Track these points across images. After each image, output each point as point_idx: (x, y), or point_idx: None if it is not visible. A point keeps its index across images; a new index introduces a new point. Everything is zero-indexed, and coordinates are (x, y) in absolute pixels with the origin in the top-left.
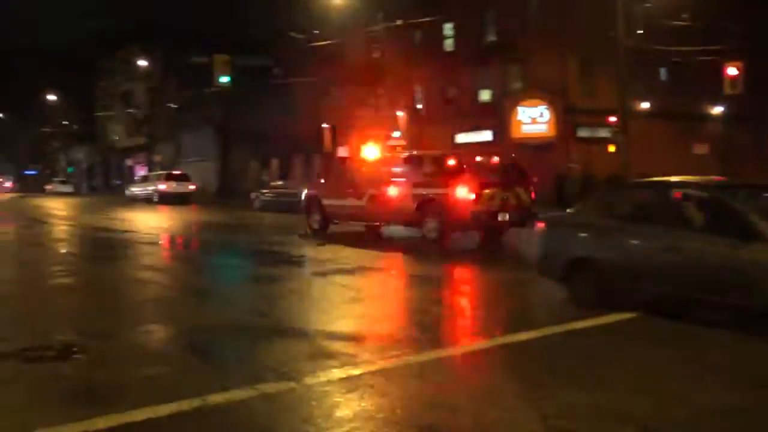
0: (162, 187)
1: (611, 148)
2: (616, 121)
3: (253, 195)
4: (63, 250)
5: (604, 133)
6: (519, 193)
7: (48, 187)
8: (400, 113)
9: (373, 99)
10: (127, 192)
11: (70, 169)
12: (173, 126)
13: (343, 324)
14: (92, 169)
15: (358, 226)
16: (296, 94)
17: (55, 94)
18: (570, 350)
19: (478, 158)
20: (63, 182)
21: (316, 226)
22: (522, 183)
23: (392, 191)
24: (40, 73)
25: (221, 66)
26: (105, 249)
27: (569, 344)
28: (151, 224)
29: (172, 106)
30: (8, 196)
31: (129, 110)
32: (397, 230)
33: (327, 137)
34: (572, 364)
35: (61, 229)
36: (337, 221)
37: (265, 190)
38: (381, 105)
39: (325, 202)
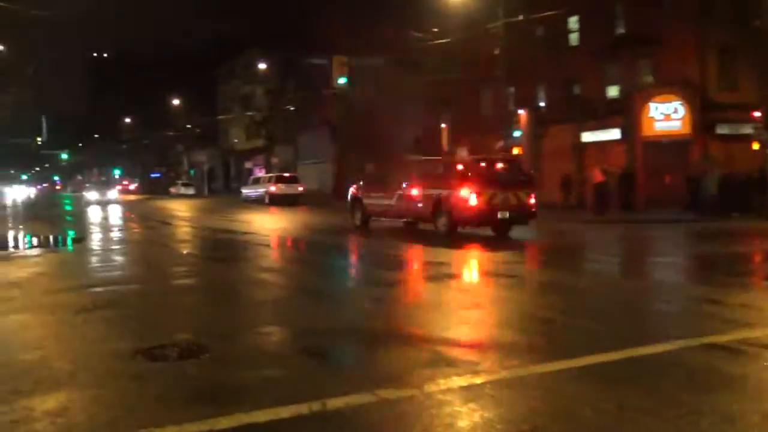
0: (272, 189)
1: (755, 146)
2: (760, 117)
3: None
4: (185, 251)
5: (746, 129)
6: (519, 195)
7: (172, 189)
8: (521, 111)
9: (493, 98)
10: (241, 194)
11: (192, 172)
12: (291, 128)
13: (462, 330)
14: (213, 172)
15: (389, 222)
16: (414, 93)
17: (179, 99)
18: (711, 368)
19: (483, 162)
20: (186, 185)
21: (358, 222)
22: (523, 185)
23: (414, 191)
24: (165, 79)
25: (339, 67)
26: (224, 250)
27: (712, 361)
28: (266, 226)
29: (290, 108)
30: (134, 198)
31: (248, 113)
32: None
33: (444, 138)
34: (714, 384)
35: (183, 231)
36: (375, 218)
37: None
38: (501, 104)
39: (365, 201)
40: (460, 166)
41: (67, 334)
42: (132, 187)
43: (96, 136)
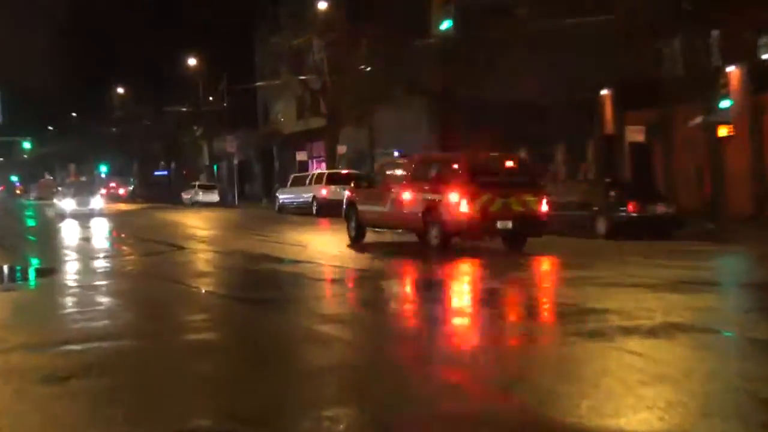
0: (322, 192)
1: None
2: None
3: None
4: (204, 289)
5: None
6: (525, 200)
7: (185, 195)
8: (731, 68)
9: (685, 48)
10: (276, 200)
11: (215, 168)
12: (365, 100)
13: (653, 421)
14: (247, 168)
15: (402, 235)
16: (554, 46)
17: (196, 60)
18: None
19: (480, 160)
20: (206, 188)
21: (352, 233)
22: (531, 188)
23: (406, 196)
24: (175, 32)
25: (440, 6)
26: (263, 288)
27: None
28: (327, 250)
29: (364, 68)
30: (129, 207)
31: (301, 77)
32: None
33: (607, 111)
34: None
35: (201, 258)
36: (372, 228)
37: None
38: (698, 60)
39: (360, 207)
40: (455, 165)
41: (26, 417)
42: (123, 191)
43: (73, 115)
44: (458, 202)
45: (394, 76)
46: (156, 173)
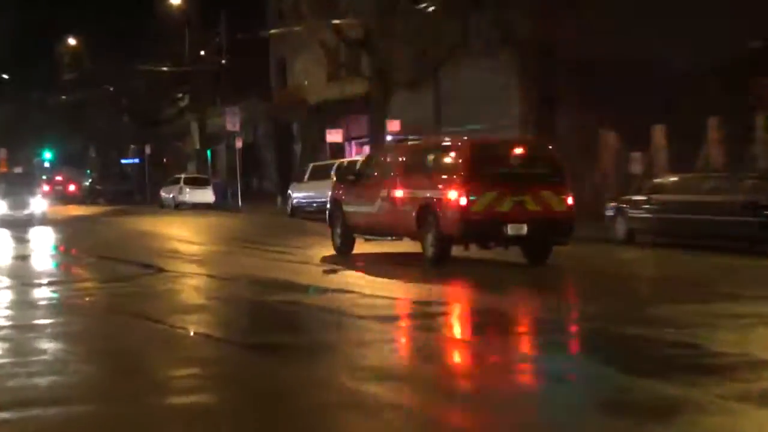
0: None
1: None
2: None
3: (611, 209)
4: (194, 331)
5: None
6: (543, 197)
7: (166, 193)
8: None
9: None
10: (288, 199)
11: (208, 155)
12: (428, 55)
13: None
14: (255, 153)
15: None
16: None
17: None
18: None
19: (495, 145)
20: (196, 182)
21: (338, 242)
22: (551, 183)
23: (397, 193)
24: None
25: None
26: (278, 329)
27: None
28: (368, 273)
29: (427, 8)
30: (83, 212)
31: (334, 20)
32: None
33: None
34: None
35: (191, 285)
36: (362, 236)
37: (641, 198)
38: None
39: (346, 208)
40: (452, 153)
41: None
42: (75, 187)
43: (3, 78)
44: (456, 201)
45: (470, 20)
46: (123, 161)
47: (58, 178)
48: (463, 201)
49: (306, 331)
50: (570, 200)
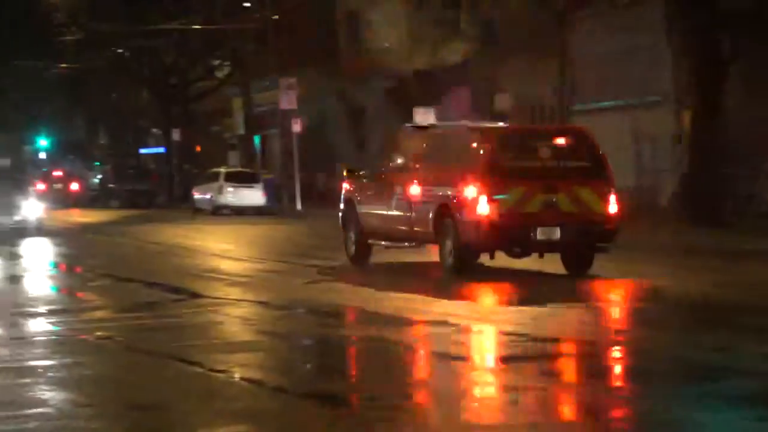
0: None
1: None
2: None
3: None
4: (240, 376)
5: None
6: (582, 196)
7: (200, 193)
8: None
9: None
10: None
11: (256, 142)
12: (546, 10)
13: None
14: (319, 141)
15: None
16: None
17: None
18: None
19: (524, 134)
20: (242, 179)
21: (351, 249)
22: (589, 178)
23: (413, 191)
24: None
25: None
26: (350, 373)
27: None
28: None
29: None
30: (89, 216)
31: None
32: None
33: None
34: None
35: (235, 315)
36: (378, 242)
37: None
38: None
39: (360, 209)
40: (473, 144)
41: None
42: (78, 185)
43: None
44: (475, 200)
45: None
46: (143, 151)
47: (58, 173)
48: (483, 200)
49: (386, 378)
50: (614, 199)
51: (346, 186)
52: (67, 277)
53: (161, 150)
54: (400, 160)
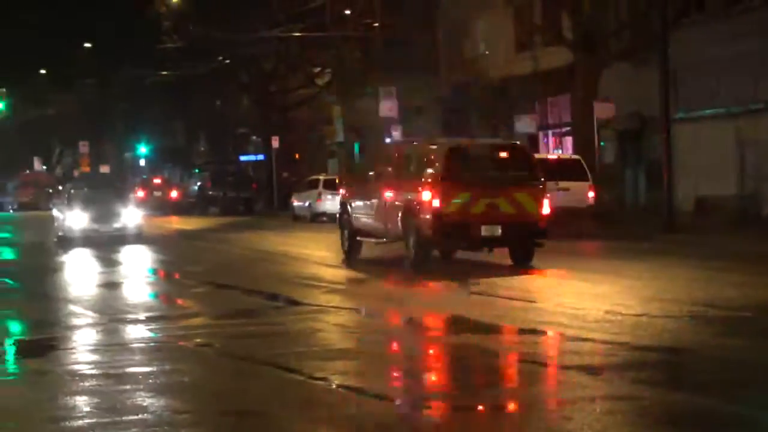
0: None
1: None
2: None
3: None
4: (337, 383)
5: None
6: (517, 199)
7: (300, 201)
8: None
9: None
10: None
11: (355, 149)
12: (649, 17)
13: None
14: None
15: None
16: None
17: None
18: None
19: (471, 147)
20: None
21: (345, 247)
22: (526, 185)
23: (387, 194)
24: None
25: None
26: (450, 382)
27: None
28: (582, 304)
29: None
30: (189, 224)
31: None
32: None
33: None
34: None
35: (334, 323)
36: (365, 239)
37: None
38: None
39: (352, 211)
40: (430, 156)
41: None
42: (177, 192)
43: (86, 47)
44: (429, 203)
45: None
46: (243, 158)
47: (157, 180)
48: (436, 203)
49: (490, 385)
50: (546, 202)
51: (342, 191)
52: (166, 284)
53: (261, 157)
54: (380, 170)
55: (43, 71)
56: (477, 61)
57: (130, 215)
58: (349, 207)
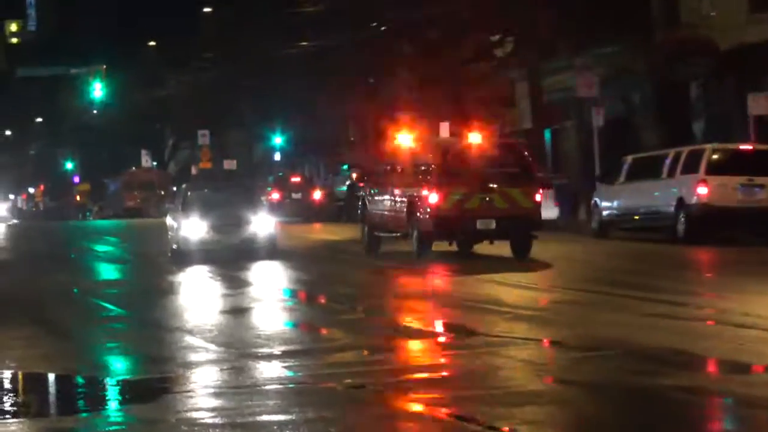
0: (699, 190)
1: None
2: None
3: None
4: None
5: None
6: (510, 193)
7: None
8: None
9: None
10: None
11: (546, 137)
12: None
13: None
14: (624, 136)
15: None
16: None
17: None
18: None
19: (467, 146)
20: None
21: (365, 242)
22: (519, 180)
23: (396, 192)
24: None
25: None
26: None
27: None
28: None
29: None
30: (336, 233)
31: None
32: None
33: None
34: None
35: (521, 358)
36: (380, 233)
37: None
38: None
39: (369, 206)
40: (430, 154)
41: None
42: (320, 194)
43: (205, 11)
44: (427, 198)
45: None
46: None
47: (296, 179)
48: (434, 198)
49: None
50: (538, 197)
51: (362, 187)
52: (308, 309)
53: None
54: (393, 166)
55: (152, 43)
56: (701, 25)
57: (262, 223)
58: (366, 203)
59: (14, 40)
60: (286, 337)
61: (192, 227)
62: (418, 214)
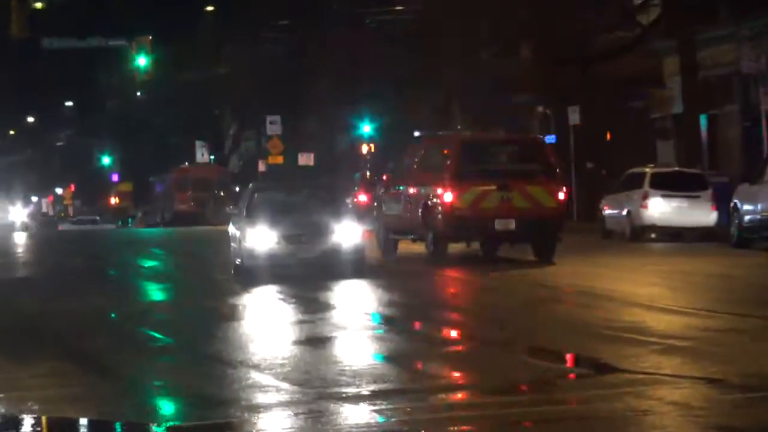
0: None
1: None
2: None
3: None
4: None
5: None
6: (531, 192)
7: (613, 210)
8: None
9: None
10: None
11: (702, 125)
12: None
13: None
14: None
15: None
16: None
17: None
18: None
19: (484, 141)
20: (682, 183)
21: (381, 246)
22: (541, 178)
23: (411, 191)
24: None
25: None
26: None
27: None
28: None
29: None
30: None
31: None
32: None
33: None
34: None
35: (673, 401)
36: (396, 237)
37: None
38: None
39: (385, 209)
40: (444, 151)
41: None
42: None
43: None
44: (442, 197)
45: None
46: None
47: (385, 177)
48: (449, 197)
49: None
50: (561, 196)
51: (377, 189)
52: (404, 338)
53: (550, 139)
54: (406, 166)
55: (210, 8)
56: None
57: (346, 232)
58: (381, 205)
59: (39, 4)
60: (376, 373)
61: (259, 237)
62: (434, 214)
